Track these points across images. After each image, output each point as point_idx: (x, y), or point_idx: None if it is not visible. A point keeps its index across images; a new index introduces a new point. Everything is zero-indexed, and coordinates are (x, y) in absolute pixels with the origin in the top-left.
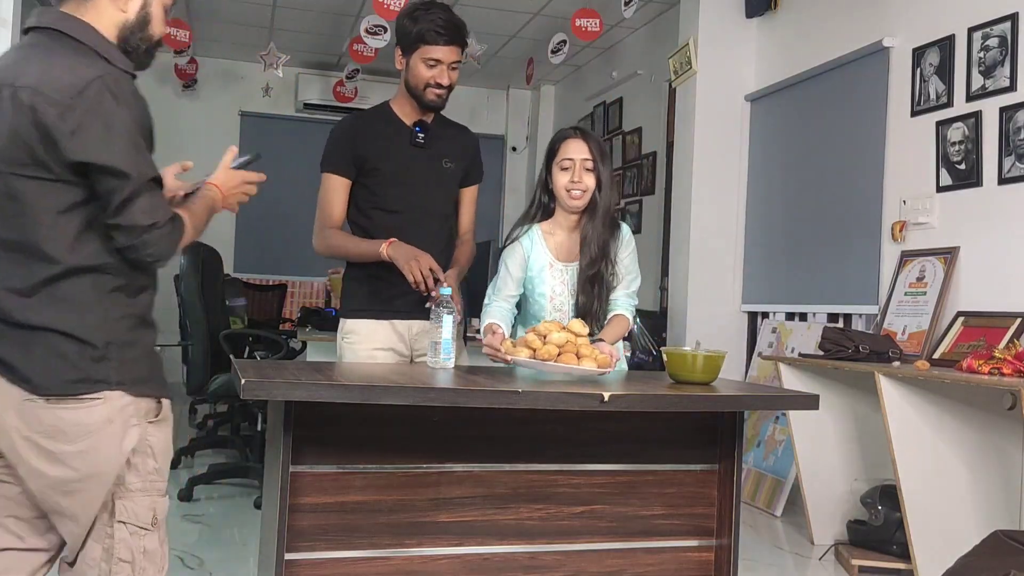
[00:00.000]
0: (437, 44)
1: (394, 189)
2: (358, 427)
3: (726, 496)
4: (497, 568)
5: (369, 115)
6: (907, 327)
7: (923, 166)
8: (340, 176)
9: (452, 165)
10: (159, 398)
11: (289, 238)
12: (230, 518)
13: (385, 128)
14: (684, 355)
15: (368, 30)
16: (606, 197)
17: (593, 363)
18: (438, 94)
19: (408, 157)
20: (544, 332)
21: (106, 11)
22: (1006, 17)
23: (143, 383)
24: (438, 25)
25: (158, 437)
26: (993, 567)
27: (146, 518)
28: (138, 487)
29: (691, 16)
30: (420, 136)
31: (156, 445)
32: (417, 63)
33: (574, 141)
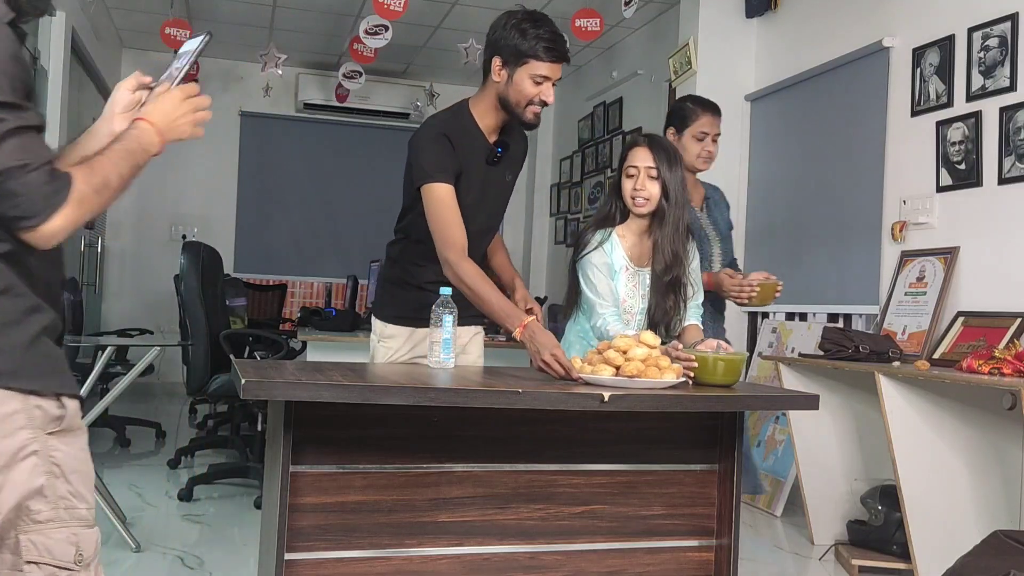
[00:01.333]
0: (548, 61)
1: (467, 202)
2: (358, 427)
3: (726, 496)
4: (497, 568)
5: (454, 123)
6: (907, 327)
7: (923, 166)
8: (449, 184)
9: (511, 178)
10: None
11: (289, 238)
12: (230, 518)
13: (471, 140)
14: (705, 359)
15: (368, 30)
16: (674, 204)
17: (674, 374)
18: (537, 112)
19: (482, 173)
20: (624, 348)
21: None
22: (1006, 17)
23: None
24: (550, 41)
25: (65, 452)
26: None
27: (65, 555)
28: (48, 516)
29: (691, 16)
30: (498, 157)
31: (64, 463)
32: (523, 78)
33: (640, 149)
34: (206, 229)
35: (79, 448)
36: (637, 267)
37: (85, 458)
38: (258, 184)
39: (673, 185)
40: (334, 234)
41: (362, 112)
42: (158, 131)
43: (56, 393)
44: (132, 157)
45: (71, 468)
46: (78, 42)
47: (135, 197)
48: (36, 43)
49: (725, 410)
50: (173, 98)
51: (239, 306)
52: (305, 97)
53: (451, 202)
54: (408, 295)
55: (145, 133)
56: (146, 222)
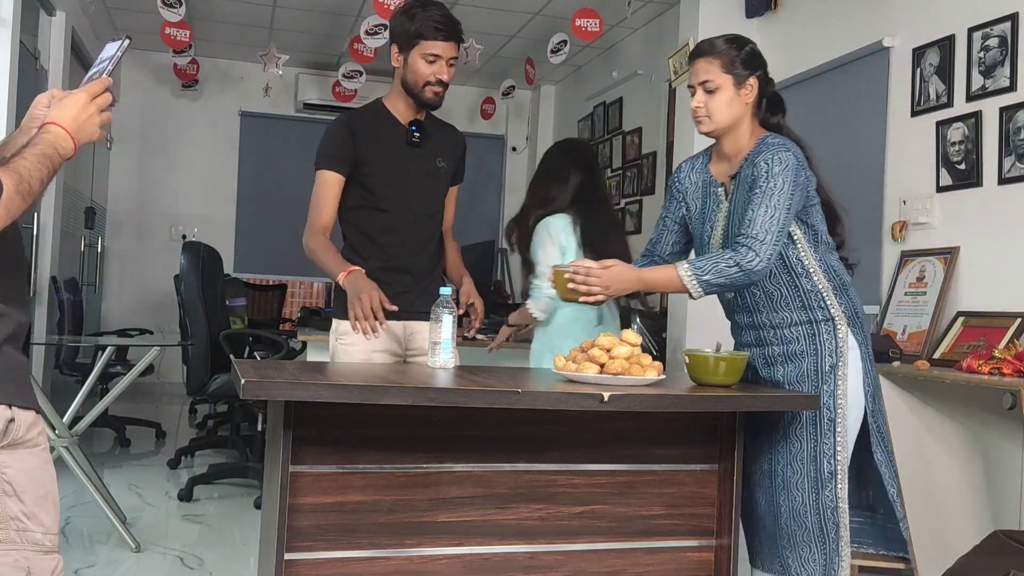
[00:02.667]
0: (436, 39)
1: (388, 188)
2: (358, 427)
3: (726, 496)
4: (497, 568)
5: (364, 113)
6: (907, 327)
7: (923, 166)
8: (335, 172)
9: (444, 165)
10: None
11: (289, 238)
12: (230, 518)
13: (381, 126)
14: (706, 358)
15: (368, 31)
16: None
17: (655, 371)
18: (436, 91)
19: (403, 156)
20: (608, 346)
21: None
22: (1006, 17)
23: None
24: (436, 21)
25: (18, 469)
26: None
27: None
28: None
29: (691, 16)
30: (416, 136)
31: (16, 480)
32: (416, 60)
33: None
34: (206, 229)
35: (36, 466)
36: None
37: (44, 477)
38: (258, 184)
39: None
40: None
41: None
42: (69, 134)
43: (7, 403)
44: (49, 161)
45: (24, 487)
46: (78, 42)
47: (135, 197)
48: (36, 43)
49: (725, 410)
50: (79, 100)
51: (239, 306)
52: (305, 97)
53: (326, 189)
54: None
55: (59, 137)
56: (146, 222)
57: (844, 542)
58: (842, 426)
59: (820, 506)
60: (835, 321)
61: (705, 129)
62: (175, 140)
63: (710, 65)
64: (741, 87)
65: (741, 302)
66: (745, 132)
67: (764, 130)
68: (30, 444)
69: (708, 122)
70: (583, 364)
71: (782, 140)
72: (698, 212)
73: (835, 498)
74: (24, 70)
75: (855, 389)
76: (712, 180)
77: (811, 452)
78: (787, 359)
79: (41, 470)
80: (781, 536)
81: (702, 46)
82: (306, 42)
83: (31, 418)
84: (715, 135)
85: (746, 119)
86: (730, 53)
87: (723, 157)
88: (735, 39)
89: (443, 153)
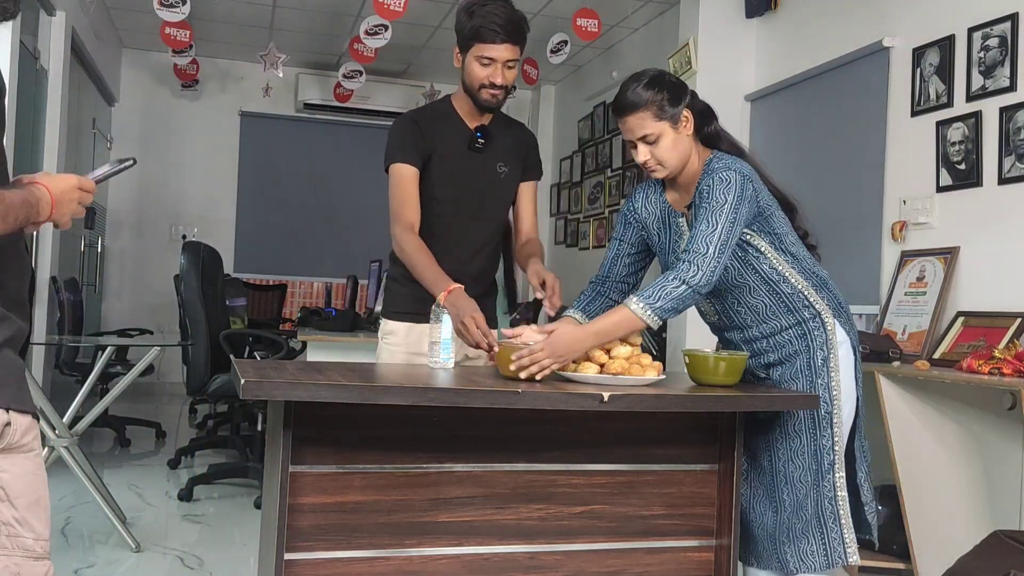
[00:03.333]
0: (493, 42)
1: (446, 190)
2: (358, 427)
3: (726, 496)
4: (497, 568)
5: (432, 111)
6: (907, 327)
7: (923, 166)
8: (409, 165)
9: (507, 169)
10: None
11: (289, 238)
12: (230, 518)
13: (447, 125)
14: (706, 358)
15: (368, 31)
16: None
17: (655, 372)
18: (492, 94)
19: (465, 159)
20: (608, 346)
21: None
22: (1006, 17)
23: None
24: (494, 22)
25: (11, 473)
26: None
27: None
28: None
29: (691, 16)
30: (480, 141)
31: (9, 485)
32: (472, 62)
33: None
34: (206, 229)
35: (29, 471)
36: None
37: (36, 483)
38: (258, 184)
39: None
40: (334, 234)
41: (362, 112)
42: (52, 202)
43: (4, 407)
44: (26, 211)
45: (17, 492)
46: (78, 42)
47: (135, 197)
48: (36, 43)
49: (725, 410)
50: (70, 180)
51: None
52: (305, 97)
53: (407, 182)
54: (405, 290)
55: (43, 199)
56: (146, 222)
57: (847, 528)
58: (838, 417)
59: (819, 497)
60: (822, 316)
61: (661, 176)
62: (175, 140)
63: (642, 120)
64: (677, 125)
65: (729, 321)
66: (694, 160)
67: (707, 150)
68: (25, 449)
69: (662, 170)
70: (583, 364)
71: (725, 162)
72: (661, 243)
73: (833, 488)
74: (24, 70)
75: (847, 380)
76: (670, 210)
77: (811, 447)
78: (782, 361)
79: (35, 475)
80: (781, 531)
81: (627, 100)
82: (306, 42)
83: (27, 422)
84: (671, 177)
85: (692, 148)
86: (656, 99)
87: (677, 187)
88: (653, 81)
89: (506, 156)
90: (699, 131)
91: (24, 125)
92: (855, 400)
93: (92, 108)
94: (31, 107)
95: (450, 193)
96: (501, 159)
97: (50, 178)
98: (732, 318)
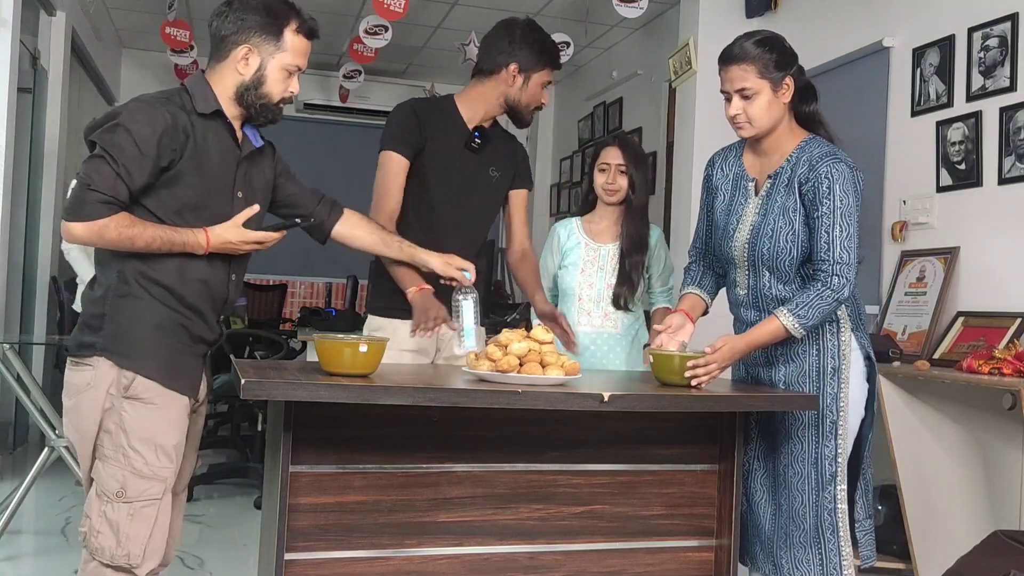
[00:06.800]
0: (556, 68)
1: (439, 187)
2: (358, 427)
3: (726, 496)
4: (497, 568)
5: (433, 105)
6: (907, 327)
7: (923, 166)
8: (400, 156)
9: (498, 175)
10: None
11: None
12: (230, 518)
13: (446, 122)
14: (671, 357)
15: (368, 30)
16: (640, 196)
17: (560, 371)
18: (534, 114)
19: (460, 158)
20: (505, 342)
21: (228, 74)
22: (1006, 17)
23: (122, 356)
24: (556, 51)
25: (132, 415)
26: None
27: (109, 487)
28: (108, 454)
29: (691, 16)
30: (476, 141)
31: (129, 423)
32: (536, 85)
33: (612, 148)
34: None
35: (144, 416)
36: (598, 243)
37: (150, 426)
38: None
39: (638, 179)
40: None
41: (362, 112)
42: (207, 244)
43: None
44: (167, 245)
45: (131, 427)
46: (78, 42)
47: None
48: (36, 43)
49: (725, 410)
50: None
51: (239, 306)
52: (305, 97)
53: (394, 173)
54: (387, 284)
55: (197, 244)
56: None
57: (844, 542)
58: (843, 428)
59: (819, 507)
60: (840, 323)
61: (746, 135)
62: None
63: (745, 72)
64: (778, 89)
65: (754, 300)
66: (784, 130)
67: (802, 129)
68: (145, 401)
69: (749, 128)
70: (481, 361)
71: (832, 150)
72: (725, 204)
73: (834, 499)
74: (24, 70)
75: (856, 391)
76: (744, 174)
77: (813, 454)
78: (789, 359)
79: (149, 419)
80: (778, 536)
81: (734, 51)
82: None
83: (149, 384)
84: (756, 139)
85: (785, 117)
86: (764, 57)
87: (759, 153)
88: (766, 40)
89: (498, 162)
90: (797, 107)
91: (24, 125)
92: (861, 410)
93: (92, 108)
94: (31, 107)
95: (443, 189)
96: (494, 164)
97: (218, 229)
98: (758, 299)
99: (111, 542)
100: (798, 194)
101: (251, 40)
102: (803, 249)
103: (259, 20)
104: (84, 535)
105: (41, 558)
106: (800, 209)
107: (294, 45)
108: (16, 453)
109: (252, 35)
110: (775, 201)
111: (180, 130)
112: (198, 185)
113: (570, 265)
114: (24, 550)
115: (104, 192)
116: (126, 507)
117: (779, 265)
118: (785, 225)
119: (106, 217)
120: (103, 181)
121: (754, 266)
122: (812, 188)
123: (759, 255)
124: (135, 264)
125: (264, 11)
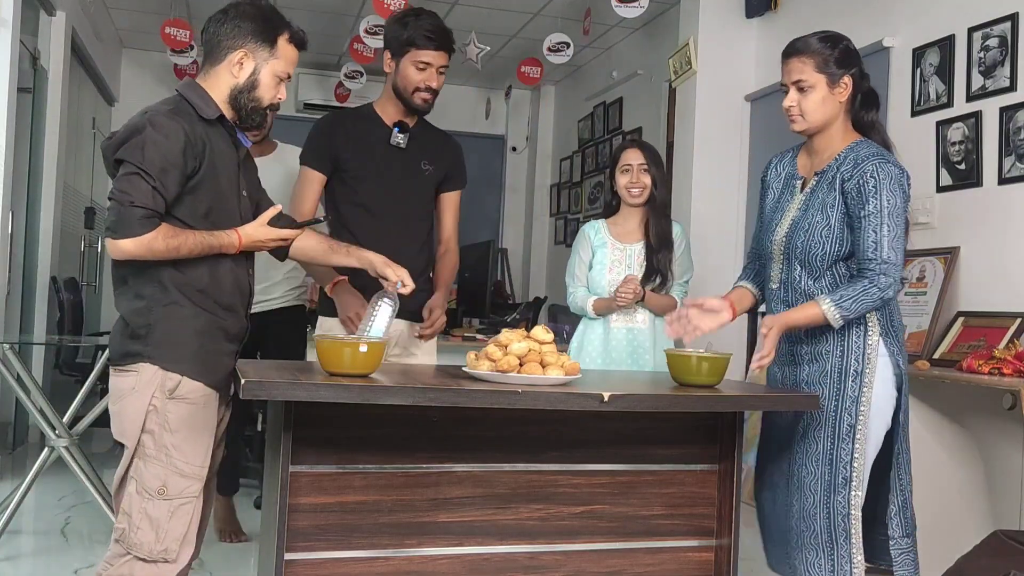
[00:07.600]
0: (427, 48)
1: (370, 187)
2: (358, 427)
3: (726, 496)
4: (497, 568)
5: (350, 113)
6: (907, 327)
7: (923, 166)
8: (314, 171)
9: (431, 168)
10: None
11: None
12: None
13: (364, 126)
14: (688, 358)
15: (368, 30)
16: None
17: (560, 371)
18: (425, 98)
19: (385, 156)
20: (505, 342)
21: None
22: (1006, 17)
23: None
24: (428, 30)
25: (176, 415)
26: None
27: (151, 485)
28: (151, 453)
29: (691, 16)
30: (399, 136)
31: (174, 423)
32: (407, 66)
33: (632, 150)
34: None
35: (187, 415)
36: (623, 243)
37: (200, 427)
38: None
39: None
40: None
41: None
42: (239, 244)
43: (180, 373)
44: (207, 249)
45: (175, 427)
46: (78, 42)
47: None
48: (36, 43)
49: (725, 410)
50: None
51: None
52: (305, 97)
53: (305, 185)
54: None
55: (231, 244)
56: None
57: (856, 549)
58: (862, 433)
59: (831, 511)
60: (868, 327)
61: (798, 128)
62: None
63: (803, 64)
64: (835, 86)
65: (784, 294)
66: (838, 131)
67: (856, 132)
68: (188, 401)
69: (801, 121)
70: (481, 361)
71: (881, 151)
72: (773, 201)
73: (847, 504)
74: (24, 70)
75: (881, 398)
76: (795, 173)
77: (827, 455)
78: (813, 358)
79: (192, 418)
80: (791, 537)
81: (796, 44)
82: None
83: (196, 386)
84: (807, 134)
85: (839, 117)
86: (824, 52)
87: (811, 152)
88: (829, 37)
89: (430, 157)
90: (855, 111)
91: (24, 125)
92: (887, 420)
93: (92, 108)
94: (31, 107)
95: (374, 188)
96: (425, 158)
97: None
98: (788, 292)
99: (150, 537)
100: (840, 191)
101: (247, 45)
102: (836, 245)
103: (255, 27)
104: (123, 531)
105: (41, 558)
106: (840, 206)
107: (286, 53)
108: (16, 453)
109: (248, 41)
110: (817, 197)
111: (198, 139)
112: (215, 188)
113: (597, 264)
114: (24, 550)
115: (147, 207)
116: (167, 504)
117: (811, 260)
118: (822, 220)
119: (152, 231)
120: (143, 197)
121: (788, 260)
122: (856, 186)
123: (793, 248)
124: (170, 272)
125: (260, 19)
